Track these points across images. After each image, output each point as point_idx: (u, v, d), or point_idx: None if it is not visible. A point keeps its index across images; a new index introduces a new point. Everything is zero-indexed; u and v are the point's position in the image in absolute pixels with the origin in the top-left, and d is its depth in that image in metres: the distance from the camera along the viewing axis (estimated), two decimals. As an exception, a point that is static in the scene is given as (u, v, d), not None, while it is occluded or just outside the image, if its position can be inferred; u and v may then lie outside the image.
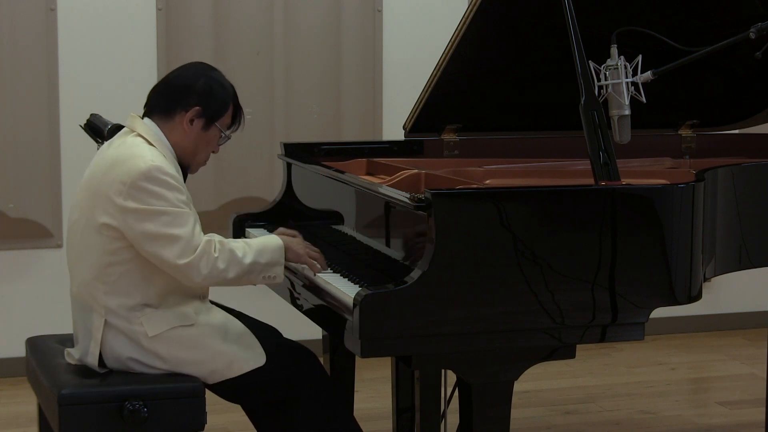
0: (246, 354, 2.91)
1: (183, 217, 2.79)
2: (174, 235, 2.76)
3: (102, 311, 2.86)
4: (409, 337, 2.61)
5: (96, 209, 2.83)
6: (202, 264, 2.77)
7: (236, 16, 4.86)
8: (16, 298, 4.82)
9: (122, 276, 2.84)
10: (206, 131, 2.95)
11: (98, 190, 2.83)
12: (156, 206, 2.77)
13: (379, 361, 4.21)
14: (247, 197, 4.90)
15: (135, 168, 2.78)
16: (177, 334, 2.87)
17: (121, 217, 2.78)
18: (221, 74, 3.01)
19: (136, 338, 2.85)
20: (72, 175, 4.75)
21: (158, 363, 2.87)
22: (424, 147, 3.83)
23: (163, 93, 2.97)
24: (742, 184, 3.19)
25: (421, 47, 5.00)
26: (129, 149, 2.86)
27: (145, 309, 2.85)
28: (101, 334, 2.86)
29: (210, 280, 2.81)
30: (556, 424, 4.31)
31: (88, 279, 2.87)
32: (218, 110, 2.95)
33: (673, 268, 2.79)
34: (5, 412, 4.42)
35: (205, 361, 2.88)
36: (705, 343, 5.53)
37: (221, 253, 2.80)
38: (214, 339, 2.90)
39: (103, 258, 2.83)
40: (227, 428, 4.14)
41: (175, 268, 2.78)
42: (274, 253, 2.89)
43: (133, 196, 2.77)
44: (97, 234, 2.83)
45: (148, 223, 2.76)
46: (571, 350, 2.79)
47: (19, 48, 4.64)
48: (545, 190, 2.80)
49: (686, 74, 3.46)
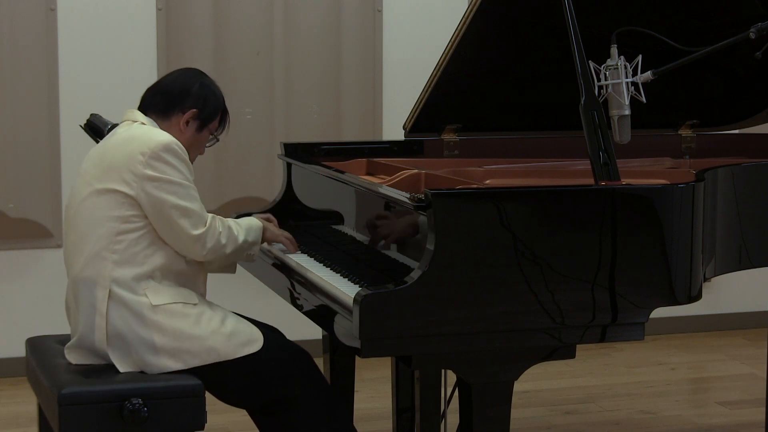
0: (244, 337, 2.95)
1: (195, 192, 2.95)
2: (188, 208, 2.91)
3: (107, 283, 2.89)
4: (409, 337, 2.61)
5: (110, 180, 2.91)
6: (209, 237, 2.95)
7: (236, 16, 4.86)
8: (16, 298, 4.83)
9: (132, 244, 2.90)
10: (199, 133, 3.10)
11: (113, 164, 2.93)
12: (174, 178, 2.90)
13: (379, 361, 4.21)
14: (247, 197, 4.90)
15: (155, 140, 2.92)
16: (179, 309, 2.91)
17: (139, 184, 2.89)
18: (212, 80, 3.16)
19: (140, 309, 2.87)
20: (72, 175, 4.73)
21: (159, 337, 2.87)
22: (424, 147, 3.83)
23: (160, 94, 3.08)
24: (742, 184, 3.19)
25: (421, 47, 5.00)
26: (142, 129, 2.99)
27: (150, 281, 2.91)
28: (106, 306, 2.88)
29: (212, 254, 2.97)
30: (556, 424, 4.31)
31: (96, 251, 2.90)
32: (211, 114, 3.11)
33: (673, 268, 2.79)
34: (5, 412, 4.42)
35: (205, 336, 2.90)
36: (705, 343, 5.54)
37: (223, 229, 3.00)
38: (214, 319, 2.95)
39: (115, 226, 2.90)
40: (227, 428, 4.14)
41: (188, 238, 2.91)
42: (257, 232, 3.14)
43: (152, 165, 2.89)
44: (110, 202, 2.90)
45: (165, 193, 2.89)
46: (571, 350, 2.79)
47: (19, 48, 4.64)
48: (545, 190, 2.80)
49: (686, 74, 3.46)
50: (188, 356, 2.88)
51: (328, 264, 3.12)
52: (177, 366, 2.88)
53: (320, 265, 3.13)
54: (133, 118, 3.05)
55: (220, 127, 3.16)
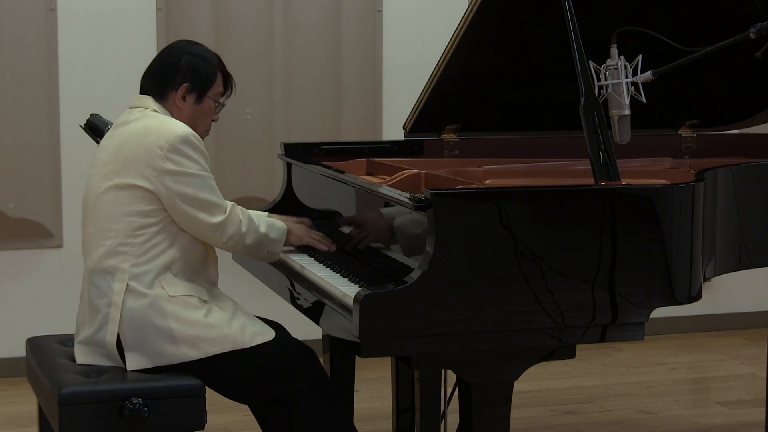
0: (256, 327, 2.99)
1: (212, 181, 2.96)
2: (207, 199, 2.93)
3: (125, 277, 2.90)
4: (409, 337, 2.61)
5: (129, 175, 2.93)
6: (230, 224, 2.96)
7: (236, 16, 4.86)
8: (16, 298, 4.82)
9: (150, 237, 2.92)
10: (200, 104, 3.08)
11: (131, 157, 2.94)
12: (192, 170, 2.92)
13: (379, 361, 4.21)
14: (247, 197, 4.90)
15: (172, 132, 2.92)
16: (194, 301, 2.94)
17: (158, 178, 2.90)
18: (204, 47, 3.13)
19: (157, 301, 2.89)
20: (72, 175, 4.75)
21: (177, 326, 2.88)
22: (424, 147, 3.83)
23: (153, 76, 3.10)
24: (742, 184, 3.19)
25: (421, 47, 5.00)
26: (158, 119, 2.99)
27: (167, 273, 2.93)
28: (122, 298, 2.89)
29: (232, 242, 2.98)
30: (556, 424, 4.31)
31: (115, 245, 2.92)
32: (206, 82, 3.08)
33: (673, 268, 2.79)
34: (5, 412, 4.42)
35: (219, 324, 2.92)
36: (705, 343, 5.54)
37: (243, 218, 3.00)
38: (226, 313, 2.98)
39: (135, 220, 2.92)
40: (227, 428, 4.14)
41: (208, 227, 2.94)
42: (280, 231, 3.10)
43: (170, 159, 2.90)
44: (131, 197, 2.92)
45: (184, 186, 2.91)
46: (571, 350, 2.80)
47: (19, 48, 4.64)
48: (545, 190, 2.80)
49: (686, 74, 3.46)
50: (206, 344, 2.89)
51: (328, 264, 3.12)
52: (195, 355, 2.89)
53: (320, 265, 3.13)
54: (144, 104, 3.05)
55: (225, 91, 3.15)
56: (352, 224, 3.22)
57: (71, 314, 3.12)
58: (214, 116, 3.13)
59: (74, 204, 4.68)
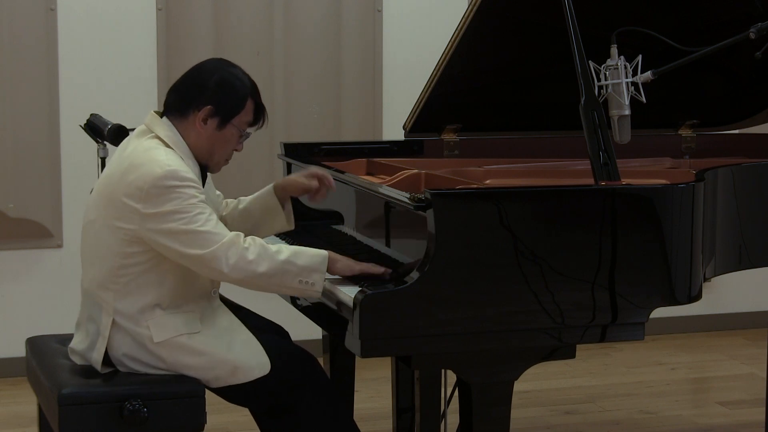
0: (251, 362, 2.87)
1: (203, 213, 2.75)
2: (195, 230, 2.72)
3: (111, 311, 2.85)
4: (409, 337, 2.61)
5: (112, 213, 2.80)
6: (230, 253, 2.72)
7: (236, 16, 4.86)
8: (16, 298, 4.82)
9: (134, 278, 2.83)
10: (221, 130, 2.88)
11: (113, 194, 2.80)
12: (173, 206, 2.72)
13: (379, 361, 4.20)
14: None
15: (151, 173, 2.74)
16: (182, 342, 2.84)
17: (140, 222, 2.76)
18: (240, 70, 2.92)
19: (142, 341, 2.85)
20: (72, 175, 4.75)
21: (161, 365, 2.87)
22: (424, 147, 3.83)
23: (177, 92, 2.91)
24: (742, 184, 3.19)
25: (421, 47, 5.00)
26: (145, 153, 2.81)
27: (155, 310, 2.84)
28: (109, 332, 2.86)
29: (238, 272, 2.73)
30: (556, 424, 4.31)
31: (99, 279, 2.87)
32: (233, 108, 2.87)
33: (673, 268, 2.79)
34: (5, 412, 4.42)
35: (209, 367, 2.86)
36: (705, 343, 5.53)
37: (251, 246, 2.75)
38: (219, 347, 2.87)
39: (117, 260, 2.82)
40: (227, 428, 4.14)
41: (200, 261, 2.73)
42: (314, 258, 2.79)
43: (151, 202, 2.73)
44: (113, 237, 2.81)
45: (169, 224, 2.73)
46: (571, 350, 2.79)
47: (19, 48, 4.64)
48: (545, 190, 2.80)
49: (686, 74, 3.46)
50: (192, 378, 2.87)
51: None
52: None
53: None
54: (150, 126, 2.89)
55: (256, 122, 2.93)
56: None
57: (71, 314, 3.12)
58: (238, 145, 2.94)
59: (74, 204, 4.69)
